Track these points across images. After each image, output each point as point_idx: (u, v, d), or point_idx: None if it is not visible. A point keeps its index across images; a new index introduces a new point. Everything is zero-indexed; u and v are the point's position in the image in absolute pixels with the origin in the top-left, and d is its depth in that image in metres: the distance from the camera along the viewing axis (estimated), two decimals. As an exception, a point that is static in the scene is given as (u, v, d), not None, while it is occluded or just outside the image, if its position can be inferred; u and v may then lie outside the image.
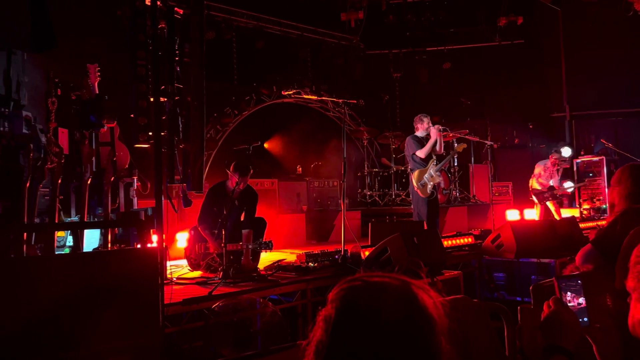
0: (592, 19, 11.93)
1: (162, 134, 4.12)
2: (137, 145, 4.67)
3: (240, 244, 5.37)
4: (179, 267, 5.82)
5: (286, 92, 9.95)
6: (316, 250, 5.62)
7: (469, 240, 6.47)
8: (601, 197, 11.07)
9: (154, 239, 3.59)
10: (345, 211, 5.64)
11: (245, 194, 5.72)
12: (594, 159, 11.65)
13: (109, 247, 4.61)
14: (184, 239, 6.09)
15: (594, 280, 2.82)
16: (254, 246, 5.34)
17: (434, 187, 7.16)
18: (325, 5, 11.62)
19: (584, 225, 7.48)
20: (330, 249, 5.69)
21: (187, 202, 5.37)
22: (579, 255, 3.28)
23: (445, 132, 7.65)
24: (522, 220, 9.74)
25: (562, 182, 9.98)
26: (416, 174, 7.16)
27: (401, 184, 10.20)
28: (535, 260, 5.59)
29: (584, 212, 11.06)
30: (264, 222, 5.77)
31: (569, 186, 10.30)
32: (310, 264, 5.26)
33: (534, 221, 8.71)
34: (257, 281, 4.74)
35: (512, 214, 10.09)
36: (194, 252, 5.59)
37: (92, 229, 5.19)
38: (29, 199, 4.05)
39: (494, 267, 5.91)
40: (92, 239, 5.15)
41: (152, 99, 4.04)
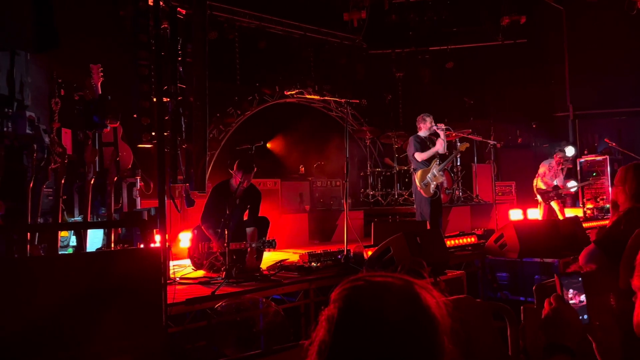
0: (595, 18, 11.90)
1: (164, 134, 4.12)
2: (140, 145, 4.68)
3: (244, 242, 5.37)
4: (182, 267, 5.83)
5: (289, 92, 9.96)
6: (319, 250, 5.62)
7: (472, 240, 6.46)
8: (605, 197, 11.03)
9: (157, 238, 3.59)
10: (348, 211, 5.63)
11: (248, 192, 5.72)
12: (598, 158, 11.61)
13: (112, 247, 4.62)
14: (187, 239, 6.09)
15: (597, 279, 2.82)
16: (258, 245, 5.34)
17: (437, 186, 7.15)
18: (327, 5, 11.62)
19: (587, 224, 7.45)
20: (333, 248, 5.69)
21: (189, 202, 5.38)
22: (582, 254, 3.27)
23: (448, 132, 7.64)
24: (525, 220, 9.73)
25: (566, 182, 9.95)
26: (419, 173, 7.15)
27: (404, 183, 10.20)
28: (538, 260, 5.58)
29: (588, 211, 11.03)
30: (267, 221, 5.77)
31: (572, 185, 10.27)
32: (312, 263, 5.26)
33: (537, 221, 8.69)
34: (259, 281, 4.74)
35: (515, 214, 10.08)
36: (197, 252, 5.59)
37: (95, 229, 5.20)
38: (32, 199, 4.06)
39: (497, 266, 5.90)
40: (95, 239, 5.16)
41: (154, 99, 4.05)
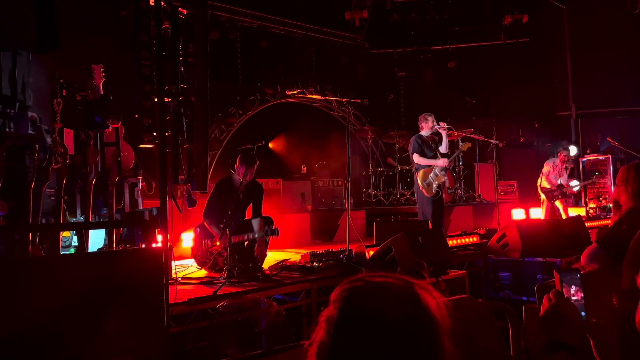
0: (598, 16, 11.87)
1: (166, 134, 4.12)
2: (141, 145, 4.68)
3: (248, 234, 5.41)
4: (183, 267, 5.83)
5: (290, 92, 9.96)
6: (321, 250, 5.62)
7: (474, 239, 6.44)
8: (607, 196, 11.01)
9: (159, 238, 3.59)
10: (349, 211, 5.63)
11: (251, 187, 5.74)
12: (600, 157, 11.60)
13: (114, 247, 4.62)
14: (190, 238, 6.11)
15: (599, 279, 2.81)
16: (261, 234, 5.37)
17: (439, 186, 7.14)
18: (329, 4, 11.61)
19: (589, 224, 7.44)
20: (334, 248, 5.68)
21: (191, 202, 5.37)
22: (584, 254, 3.27)
23: (450, 131, 7.63)
24: (528, 219, 9.72)
25: (569, 181, 9.93)
26: (421, 173, 7.14)
27: (406, 183, 10.20)
28: (540, 259, 5.56)
29: (590, 211, 11.01)
30: (271, 220, 5.79)
31: (574, 185, 10.26)
32: (314, 263, 5.25)
33: (540, 220, 8.67)
34: (261, 281, 4.74)
35: (517, 213, 10.06)
36: (201, 250, 5.60)
37: (97, 229, 5.20)
38: (33, 199, 4.06)
39: (499, 266, 5.89)
40: (97, 239, 5.16)
41: (156, 99, 4.04)
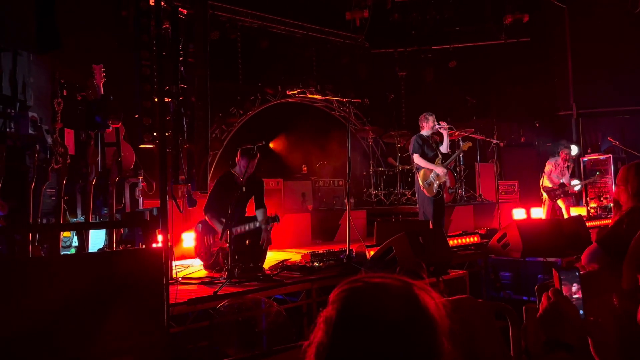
0: (599, 16, 11.86)
1: (166, 134, 4.12)
2: (142, 145, 4.68)
3: (247, 225, 5.47)
4: (184, 267, 5.84)
5: (291, 92, 9.96)
6: (321, 249, 5.62)
7: (474, 239, 6.43)
8: (608, 196, 11.01)
9: (159, 239, 3.59)
10: (350, 210, 5.62)
11: (251, 181, 5.80)
12: (601, 157, 11.59)
13: (114, 248, 4.62)
14: (191, 238, 6.14)
15: (599, 279, 2.81)
16: (262, 223, 5.44)
17: (440, 186, 7.14)
18: (330, 4, 11.60)
19: (590, 224, 7.43)
20: (335, 248, 5.68)
21: (191, 202, 5.38)
22: (585, 254, 3.26)
23: (450, 131, 7.63)
24: (529, 219, 9.71)
25: (570, 180, 9.93)
26: (422, 173, 7.14)
27: (407, 183, 10.19)
28: (541, 259, 5.56)
29: (591, 210, 11.00)
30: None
31: (575, 183, 10.25)
32: (315, 263, 5.25)
33: (541, 220, 8.66)
34: (262, 281, 4.74)
35: (518, 213, 10.05)
36: (204, 246, 5.62)
37: (98, 229, 5.21)
38: (33, 199, 4.06)
39: (500, 266, 5.88)
40: (97, 239, 5.17)
41: (156, 100, 4.05)
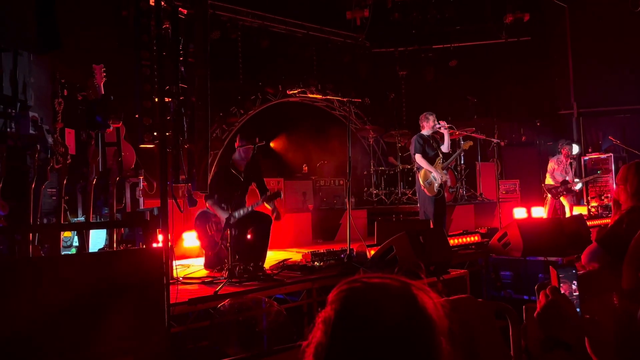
0: (599, 15, 11.84)
1: (167, 134, 4.12)
2: (142, 145, 4.68)
3: (250, 205, 5.61)
4: (184, 267, 5.84)
5: (291, 91, 9.95)
6: (322, 249, 5.62)
7: (475, 238, 6.43)
8: (609, 195, 10.99)
9: (160, 238, 3.59)
10: (351, 210, 5.62)
11: (250, 166, 5.93)
12: (602, 156, 11.57)
13: (115, 247, 4.62)
14: (194, 237, 6.17)
15: (599, 278, 2.81)
16: (263, 200, 5.57)
17: (441, 185, 7.14)
18: (330, 3, 11.60)
19: (591, 223, 7.42)
20: (336, 247, 5.68)
21: (192, 202, 5.38)
22: (585, 253, 3.27)
23: (451, 130, 7.63)
24: (529, 218, 9.70)
25: (574, 177, 9.94)
26: (423, 172, 7.14)
27: (407, 182, 10.19)
28: (542, 258, 5.56)
29: (592, 209, 10.99)
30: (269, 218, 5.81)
31: (578, 180, 10.24)
32: (315, 263, 5.26)
33: (541, 219, 8.66)
34: (262, 280, 4.74)
35: (519, 212, 10.05)
36: (207, 236, 5.64)
37: (98, 229, 5.21)
38: (33, 199, 4.07)
39: (501, 265, 5.88)
40: (98, 239, 5.17)
41: (156, 99, 4.05)
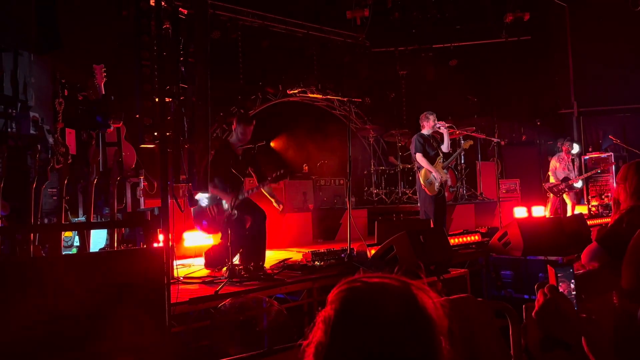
0: (599, 14, 11.84)
1: (167, 134, 4.12)
2: (143, 145, 4.68)
3: (256, 187, 5.63)
4: (185, 267, 5.85)
5: (292, 91, 9.95)
6: (322, 248, 5.62)
7: (475, 238, 6.43)
8: (609, 194, 10.99)
9: (161, 238, 3.60)
10: (351, 210, 5.62)
11: (247, 151, 5.88)
12: (602, 155, 11.56)
13: (116, 247, 4.63)
14: (195, 237, 6.20)
15: (599, 278, 2.81)
16: (271, 180, 5.55)
17: (441, 185, 7.14)
18: (330, 3, 11.60)
19: (592, 222, 7.42)
20: (336, 247, 5.68)
21: (192, 202, 5.37)
22: (585, 253, 3.27)
23: (451, 130, 7.63)
24: (530, 217, 9.70)
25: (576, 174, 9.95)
26: (423, 171, 7.15)
27: (408, 182, 10.20)
28: (542, 257, 5.56)
29: (592, 209, 10.99)
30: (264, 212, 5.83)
31: (580, 177, 10.24)
32: (316, 262, 5.26)
33: (542, 218, 8.66)
34: (263, 280, 4.74)
35: (519, 212, 10.05)
36: (209, 218, 5.61)
37: (99, 229, 5.22)
38: (34, 199, 4.08)
39: (501, 265, 5.88)
40: (99, 238, 5.18)
41: (157, 99, 4.05)
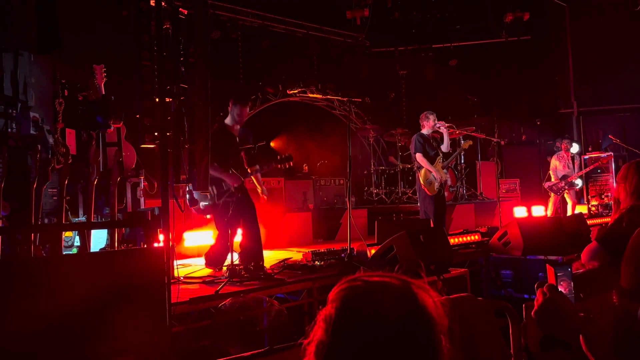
0: (599, 14, 11.85)
1: (167, 134, 4.12)
2: (143, 145, 4.69)
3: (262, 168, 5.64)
4: (186, 266, 5.85)
5: (292, 91, 9.95)
6: (322, 248, 5.62)
7: (475, 237, 6.43)
8: (609, 194, 10.99)
9: (161, 238, 3.61)
10: (351, 209, 5.63)
11: (244, 131, 5.83)
12: (602, 155, 11.57)
13: (116, 247, 4.64)
14: (198, 237, 6.17)
15: (599, 277, 2.82)
16: (276, 163, 5.58)
17: (441, 184, 7.15)
18: (330, 3, 11.60)
19: (591, 221, 7.43)
20: (336, 247, 5.68)
21: (193, 202, 5.38)
22: (585, 252, 3.28)
23: (451, 130, 7.64)
24: (530, 217, 9.71)
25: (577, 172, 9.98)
26: (423, 171, 7.15)
27: (408, 181, 10.20)
28: (542, 257, 5.56)
29: (592, 208, 11.00)
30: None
31: (579, 175, 10.25)
32: (316, 262, 5.26)
33: (541, 218, 8.67)
34: (263, 280, 4.75)
35: (519, 211, 10.06)
36: (212, 194, 5.58)
37: (99, 229, 5.22)
38: (34, 199, 4.08)
39: (501, 264, 5.88)
40: (99, 238, 5.18)
41: (157, 99, 4.05)
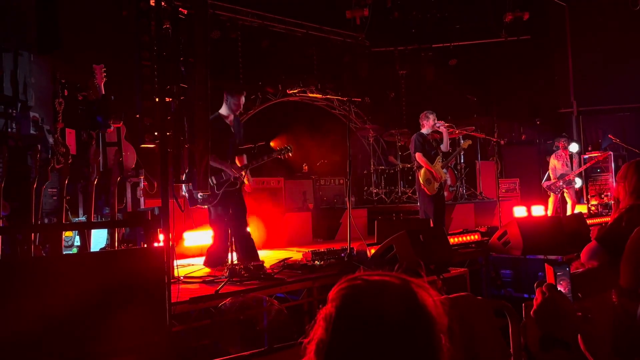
0: (599, 13, 11.86)
1: (167, 134, 4.13)
2: (143, 145, 4.69)
3: (261, 158, 5.62)
4: (186, 266, 5.86)
5: (291, 91, 9.95)
6: (322, 248, 5.62)
7: (475, 237, 6.43)
8: (609, 193, 11.00)
9: (161, 238, 3.61)
10: (351, 209, 5.63)
11: (237, 121, 5.83)
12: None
13: (116, 247, 4.64)
14: (196, 235, 6.15)
15: (599, 276, 2.82)
16: (276, 154, 5.55)
17: (441, 184, 7.16)
18: (330, 3, 11.60)
19: (591, 221, 7.43)
20: (336, 247, 5.68)
21: (193, 202, 5.39)
22: (584, 252, 3.28)
23: (451, 129, 7.65)
24: (529, 216, 9.71)
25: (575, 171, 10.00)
26: (422, 171, 7.16)
27: (407, 181, 10.20)
28: (542, 257, 5.57)
29: (592, 208, 11.00)
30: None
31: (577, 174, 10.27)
32: (316, 262, 5.26)
33: (541, 218, 8.68)
34: (263, 279, 4.75)
35: (519, 211, 10.06)
36: (212, 184, 5.56)
37: (99, 229, 5.23)
38: (34, 199, 4.09)
39: (501, 264, 5.89)
40: (99, 238, 5.19)
41: (157, 99, 4.06)
